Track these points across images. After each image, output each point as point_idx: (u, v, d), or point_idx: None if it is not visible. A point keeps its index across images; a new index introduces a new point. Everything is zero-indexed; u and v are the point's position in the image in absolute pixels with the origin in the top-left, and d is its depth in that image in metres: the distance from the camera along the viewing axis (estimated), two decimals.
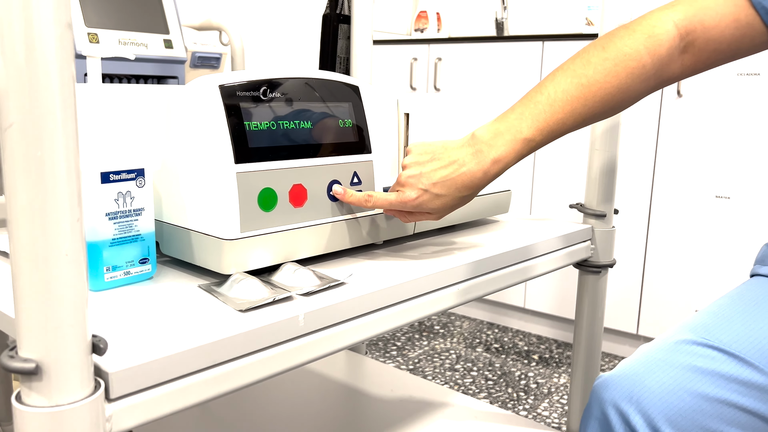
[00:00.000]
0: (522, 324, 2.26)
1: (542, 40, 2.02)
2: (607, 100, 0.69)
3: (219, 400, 1.11)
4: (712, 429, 0.61)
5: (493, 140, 0.67)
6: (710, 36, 0.69)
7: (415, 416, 1.06)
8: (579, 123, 0.69)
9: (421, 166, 0.69)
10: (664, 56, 0.69)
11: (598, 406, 0.66)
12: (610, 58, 0.68)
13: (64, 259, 0.39)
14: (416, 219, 0.72)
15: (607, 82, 0.68)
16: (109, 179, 0.59)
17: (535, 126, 0.67)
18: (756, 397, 0.61)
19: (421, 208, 0.69)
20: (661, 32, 0.68)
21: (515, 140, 0.67)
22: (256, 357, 0.53)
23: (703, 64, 0.71)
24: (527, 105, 0.68)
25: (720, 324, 0.65)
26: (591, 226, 0.96)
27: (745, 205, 1.73)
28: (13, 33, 0.36)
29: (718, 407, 0.61)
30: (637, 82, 0.69)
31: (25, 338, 0.40)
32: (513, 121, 0.68)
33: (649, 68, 0.69)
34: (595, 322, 0.99)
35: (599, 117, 0.70)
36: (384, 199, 0.70)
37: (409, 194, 0.68)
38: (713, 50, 0.70)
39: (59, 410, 0.40)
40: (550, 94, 0.68)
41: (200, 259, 0.64)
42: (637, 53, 0.68)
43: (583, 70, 0.68)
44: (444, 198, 0.68)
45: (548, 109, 0.68)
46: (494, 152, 0.67)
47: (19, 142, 0.38)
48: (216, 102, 0.61)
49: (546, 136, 0.68)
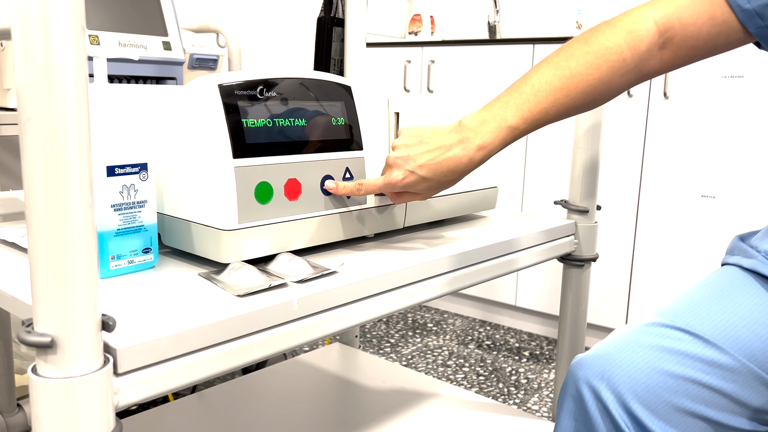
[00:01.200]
0: (513, 321, 2.30)
1: (533, 43, 2.06)
2: (589, 92, 0.72)
3: (215, 391, 1.15)
4: (677, 404, 0.65)
5: (479, 127, 0.71)
6: (688, 33, 0.72)
7: (405, 406, 1.10)
8: (562, 113, 0.73)
9: (409, 149, 0.72)
10: (644, 51, 0.72)
11: (573, 384, 0.69)
12: (592, 51, 0.72)
13: (77, 242, 0.43)
14: (405, 200, 0.76)
15: (588, 74, 0.72)
16: (114, 173, 0.62)
17: (519, 114, 0.71)
18: (718, 375, 0.65)
19: (408, 189, 0.73)
20: (641, 28, 0.72)
21: (500, 128, 0.71)
22: (252, 338, 0.57)
23: (681, 59, 0.74)
24: (512, 95, 0.72)
25: (687, 308, 0.69)
26: (574, 222, 0.99)
27: (730, 204, 1.78)
28: (32, 34, 0.40)
29: (683, 384, 0.65)
30: (618, 76, 0.72)
31: (41, 314, 0.44)
32: (498, 109, 0.72)
33: (630, 62, 0.72)
34: (578, 313, 1.03)
35: (581, 108, 0.74)
36: (373, 184, 0.74)
37: (396, 175, 0.72)
38: (691, 47, 0.73)
39: (72, 381, 0.44)
40: (534, 85, 0.72)
41: (200, 249, 0.68)
42: (618, 47, 0.72)
43: (566, 63, 0.72)
44: (429, 181, 0.72)
45: (532, 98, 0.71)
46: (479, 139, 0.71)
47: (36, 134, 0.41)
48: (215, 100, 0.65)
49: (530, 125, 0.72)
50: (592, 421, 0.67)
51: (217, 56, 1.50)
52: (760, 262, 0.70)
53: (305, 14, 2.38)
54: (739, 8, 0.70)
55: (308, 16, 2.39)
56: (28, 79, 0.41)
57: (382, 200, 0.81)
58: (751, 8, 0.69)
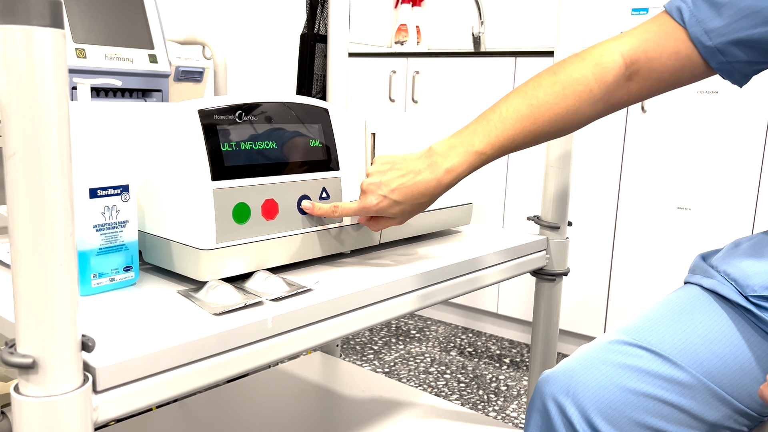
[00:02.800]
0: (495, 329, 2.33)
1: (515, 56, 2.10)
2: (556, 120, 0.75)
3: (197, 400, 1.17)
4: (638, 420, 0.68)
5: (447, 152, 0.75)
6: (653, 66, 0.75)
7: (383, 415, 1.13)
8: (530, 140, 0.76)
9: (382, 175, 0.76)
10: (611, 83, 0.75)
11: (539, 399, 0.73)
12: (559, 82, 0.75)
13: (59, 269, 0.46)
14: (383, 225, 0.79)
15: (556, 103, 0.75)
16: (96, 194, 0.65)
17: (486, 141, 0.74)
18: (677, 392, 0.68)
19: (382, 213, 0.76)
20: (608, 61, 0.75)
21: (467, 153, 0.74)
22: (228, 356, 0.59)
23: (647, 90, 0.77)
24: (480, 122, 0.76)
25: (649, 327, 0.73)
26: (546, 237, 1.03)
27: (705, 215, 1.82)
28: (18, 76, 0.43)
29: (644, 401, 0.68)
30: (586, 105, 0.76)
31: (23, 337, 0.46)
32: (466, 136, 0.75)
33: (596, 93, 0.75)
34: (550, 325, 1.06)
35: (550, 135, 0.77)
36: (349, 208, 0.77)
37: (371, 200, 0.75)
38: (656, 79, 0.76)
39: (52, 400, 0.47)
40: (502, 113, 0.75)
41: (179, 267, 0.71)
42: (585, 78, 0.75)
43: (534, 92, 0.75)
44: (402, 205, 0.75)
45: (500, 126, 0.74)
46: (447, 163, 0.74)
47: (21, 168, 0.44)
48: (195, 125, 0.67)
49: (497, 150, 0.75)
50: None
51: (203, 68, 1.52)
52: (719, 282, 0.74)
53: (290, 27, 2.41)
54: (701, 45, 0.72)
55: (293, 29, 2.41)
56: (12, 116, 0.43)
57: (356, 219, 0.83)
58: (712, 45, 0.71)
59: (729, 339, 0.70)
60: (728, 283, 0.72)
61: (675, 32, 0.74)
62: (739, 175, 1.76)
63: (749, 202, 1.76)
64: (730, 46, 0.71)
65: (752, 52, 0.71)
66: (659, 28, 0.74)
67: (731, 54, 0.71)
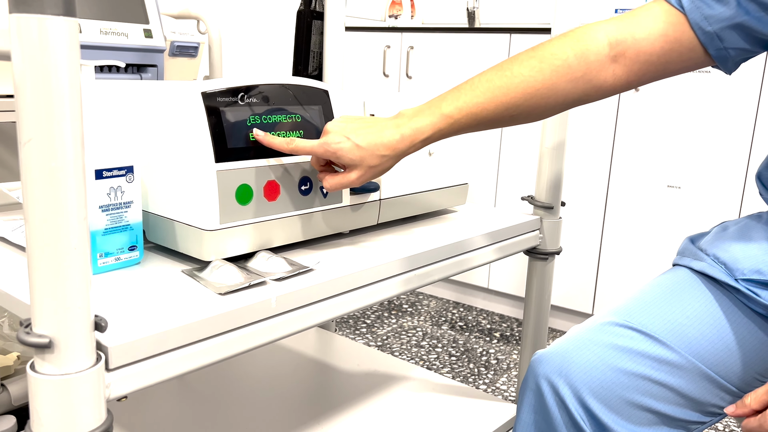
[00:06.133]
0: (486, 303, 2.37)
1: (509, 33, 2.10)
2: (531, 94, 0.74)
3: (197, 375, 1.19)
4: (629, 399, 0.71)
5: (414, 114, 0.75)
6: (640, 47, 0.73)
7: (377, 388, 1.16)
8: (501, 111, 0.74)
9: (348, 122, 0.75)
10: (592, 60, 0.74)
11: (533, 379, 0.75)
12: (536, 56, 0.74)
13: (73, 252, 0.47)
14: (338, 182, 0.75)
15: (531, 76, 0.73)
16: (102, 175, 0.66)
17: (453, 105, 0.74)
18: (667, 372, 0.71)
19: (340, 158, 0.73)
20: (589, 39, 0.74)
21: (433, 114, 0.74)
22: (233, 335, 0.61)
23: (635, 75, 0.75)
24: (451, 91, 0.76)
25: (640, 308, 0.75)
26: (540, 217, 1.05)
27: (695, 194, 1.85)
28: (32, 64, 0.43)
29: (635, 380, 0.71)
30: (564, 81, 0.74)
31: (39, 317, 0.48)
32: (435, 101, 0.75)
33: (576, 69, 0.73)
34: (542, 303, 1.09)
35: (525, 111, 0.75)
36: (307, 143, 0.74)
37: (333, 138, 0.73)
38: (644, 62, 0.74)
39: (67, 377, 0.48)
40: (474, 83, 0.75)
41: (183, 247, 0.72)
42: (563, 53, 0.74)
43: (510, 65, 0.75)
44: (363, 151, 0.72)
45: (469, 92, 0.74)
46: (413, 123, 0.74)
47: (35, 154, 0.45)
48: (198, 107, 0.68)
49: (465, 117, 0.74)
50: (550, 414, 0.72)
51: (198, 44, 1.51)
52: (708, 265, 0.76)
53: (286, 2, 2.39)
54: (701, 30, 0.72)
55: (289, 4, 2.39)
56: (27, 104, 0.44)
57: (356, 199, 0.85)
58: (712, 30, 0.71)
59: (717, 320, 0.72)
60: (718, 265, 0.74)
61: (667, 16, 0.73)
62: (729, 154, 1.79)
63: (738, 180, 1.79)
64: (730, 30, 0.71)
65: (749, 39, 0.71)
66: (646, 14, 0.74)
67: (729, 40, 0.71)
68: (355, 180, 0.74)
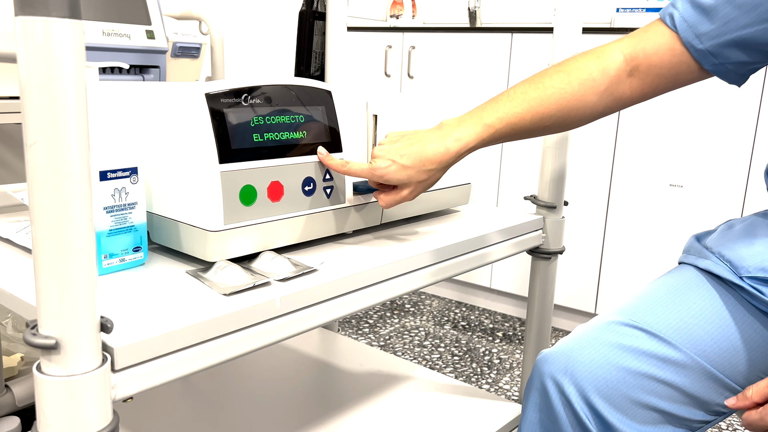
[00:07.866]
0: (488, 303, 2.37)
1: (511, 32, 2.10)
2: (563, 104, 0.78)
3: (201, 375, 1.19)
4: (634, 398, 0.71)
5: (457, 124, 0.78)
6: (652, 62, 0.78)
7: (380, 388, 1.16)
8: (536, 121, 0.79)
9: (392, 143, 0.79)
10: (613, 75, 0.79)
11: (538, 378, 0.75)
12: (564, 71, 0.79)
13: (79, 254, 0.47)
14: (393, 199, 0.79)
15: (561, 88, 0.78)
16: (106, 177, 0.66)
17: (495, 115, 0.78)
18: (672, 371, 0.71)
19: (390, 179, 0.77)
20: (609, 56, 0.79)
21: (476, 124, 0.78)
22: (238, 335, 0.61)
23: (649, 87, 0.80)
24: (489, 102, 0.80)
25: (645, 307, 0.75)
26: (542, 217, 1.05)
27: (697, 193, 1.85)
28: (38, 67, 0.44)
29: (640, 379, 0.71)
30: (590, 93, 0.79)
31: (45, 319, 0.48)
32: (476, 111, 0.79)
33: (600, 82, 0.78)
34: (545, 302, 1.09)
35: (557, 121, 0.80)
36: (359, 167, 0.79)
37: (380, 163, 0.77)
38: (656, 74, 0.79)
39: (73, 378, 0.48)
40: (510, 94, 0.79)
41: (187, 248, 0.72)
42: (587, 67, 0.79)
43: (540, 79, 0.79)
44: (410, 170, 0.77)
45: (508, 103, 0.78)
46: (457, 133, 0.77)
47: (41, 157, 0.45)
48: (202, 109, 0.68)
49: (506, 126, 0.78)
50: (556, 413, 0.72)
51: (200, 44, 1.51)
52: (713, 263, 0.76)
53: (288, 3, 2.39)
54: (693, 48, 0.75)
55: (291, 5, 2.40)
56: (33, 106, 0.44)
57: (359, 200, 0.85)
58: (704, 48, 0.74)
59: (722, 319, 0.72)
60: (723, 264, 0.74)
61: (669, 36, 0.77)
62: (731, 152, 1.79)
63: (740, 179, 1.78)
64: (723, 48, 0.74)
65: (748, 52, 0.73)
66: (654, 31, 0.78)
67: (724, 56, 0.74)
68: (408, 195, 0.79)
